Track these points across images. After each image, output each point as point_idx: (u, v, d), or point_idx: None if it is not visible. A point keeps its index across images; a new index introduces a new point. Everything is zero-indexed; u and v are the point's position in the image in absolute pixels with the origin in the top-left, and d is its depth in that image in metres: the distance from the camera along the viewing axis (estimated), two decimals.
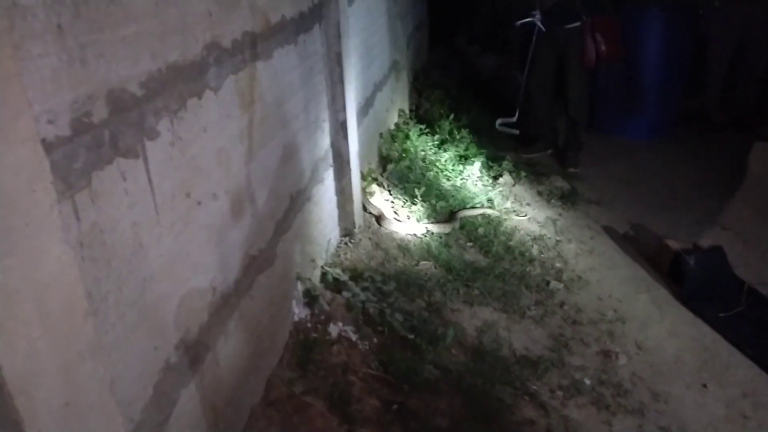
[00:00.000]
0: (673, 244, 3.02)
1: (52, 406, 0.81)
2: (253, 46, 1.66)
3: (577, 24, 3.98)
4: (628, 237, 3.41)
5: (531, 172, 4.15)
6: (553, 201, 3.79)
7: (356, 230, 2.75)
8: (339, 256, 2.58)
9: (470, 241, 3.15)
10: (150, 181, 1.13)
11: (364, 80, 3.20)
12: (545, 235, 3.31)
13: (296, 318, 2.07)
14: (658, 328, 2.67)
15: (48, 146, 0.83)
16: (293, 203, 2.05)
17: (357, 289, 2.35)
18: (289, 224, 2.01)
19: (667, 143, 4.77)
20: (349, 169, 2.65)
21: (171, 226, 1.21)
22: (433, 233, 3.04)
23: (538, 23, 4.04)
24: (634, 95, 4.55)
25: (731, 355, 2.54)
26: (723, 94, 5.15)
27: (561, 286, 2.86)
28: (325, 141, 2.48)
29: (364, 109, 3.19)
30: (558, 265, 3.05)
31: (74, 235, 0.92)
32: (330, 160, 2.56)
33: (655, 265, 3.11)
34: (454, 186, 3.70)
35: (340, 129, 2.56)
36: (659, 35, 4.47)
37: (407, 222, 3.13)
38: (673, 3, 4.64)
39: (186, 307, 1.29)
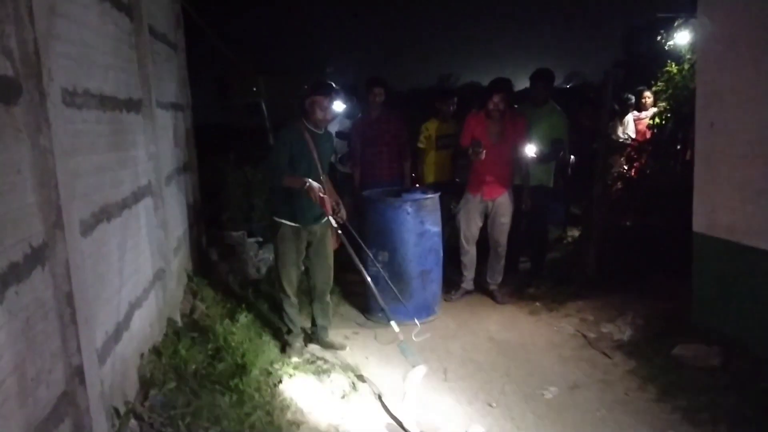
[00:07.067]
0: None
1: None
2: None
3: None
4: None
5: (314, 371, 4.08)
6: (337, 398, 3.72)
7: None
8: None
9: None
10: None
11: (115, 304, 2.94)
12: None
13: None
14: None
15: None
16: None
17: None
18: None
19: (435, 322, 5.16)
20: (90, 418, 2.28)
21: None
22: None
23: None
24: (399, 283, 4.91)
25: None
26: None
27: None
28: (53, 393, 2.12)
29: (116, 336, 2.88)
30: None
31: None
32: (63, 413, 2.18)
33: None
34: (231, 401, 3.42)
35: (75, 374, 2.24)
36: (411, 227, 5.03)
37: None
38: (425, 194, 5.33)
39: None
